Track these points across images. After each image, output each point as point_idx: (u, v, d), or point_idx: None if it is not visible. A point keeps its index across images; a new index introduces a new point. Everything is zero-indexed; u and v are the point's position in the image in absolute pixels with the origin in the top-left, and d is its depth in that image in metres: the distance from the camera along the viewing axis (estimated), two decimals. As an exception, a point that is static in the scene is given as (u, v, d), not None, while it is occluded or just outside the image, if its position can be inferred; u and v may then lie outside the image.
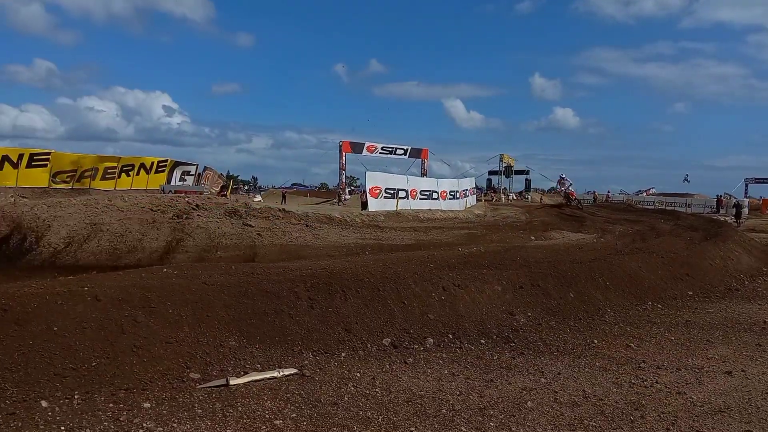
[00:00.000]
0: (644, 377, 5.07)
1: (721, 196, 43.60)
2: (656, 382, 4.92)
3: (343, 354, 5.50)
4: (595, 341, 6.33)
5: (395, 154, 47.78)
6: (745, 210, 33.10)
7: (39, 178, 26.56)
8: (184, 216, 15.41)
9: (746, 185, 62.21)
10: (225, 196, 28.91)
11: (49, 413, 3.78)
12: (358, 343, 5.78)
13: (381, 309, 6.35)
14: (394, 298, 6.56)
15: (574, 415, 4.17)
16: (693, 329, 6.94)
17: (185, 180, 33.28)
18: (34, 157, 26.61)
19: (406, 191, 27.59)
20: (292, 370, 4.92)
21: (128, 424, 3.71)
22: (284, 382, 4.70)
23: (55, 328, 4.63)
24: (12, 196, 20.76)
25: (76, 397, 4.04)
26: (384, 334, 6.01)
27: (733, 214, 29.91)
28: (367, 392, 4.58)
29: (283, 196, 41.20)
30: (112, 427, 3.67)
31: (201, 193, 24.58)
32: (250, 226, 15.47)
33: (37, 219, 13.56)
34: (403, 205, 26.22)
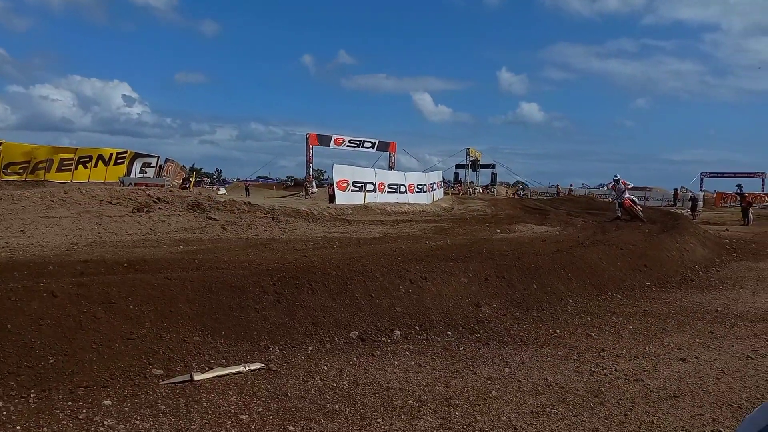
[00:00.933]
0: (604, 365, 5.23)
1: (677, 189, 45.18)
2: (615, 370, 5.09)
3: (310, 348, 5.48)
4: (558, 331, 6.48)
5: (363, 147, 47.69)
6: (701, 203, 34.39)
7: (-11, 169, 25.45)
8: (145, 209, 15.02)
9: (701, 179, 64.69)
10: (187, 188, 28.33)
11: (3, 413, 3.64)
12: (326, 337, 5.76)
13: (348, 302, 6.34)
14: (362, 291, 6.56)
15: (537, 403, 4.27)
16: (650, 318, 7.18)
17: (146, 172, 32.50)
18: (-16, 148, 25.50)
19: (374, 184, 27.62)
20: (259, 365, 4.87)
21: (88, 422, 3.61)
22: (250, 376, 4.66)
23: (9, 326, 4.45)
24: (-39, 189, 19.87)
25: (32, 395, 3.91)
26: (351, 327, 6.01)
27: (689, 207, 31.03)
28: (335, 385, 4.58)
29: (246, 189, 40.64)
30: (71, 425, 3.56)
31: (162, 185, 24.01)
32: (214, 219, 15.20)
33: (-12, 212, 13.00)
34: (370, 198, 26.24)
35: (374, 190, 27.33)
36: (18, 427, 3.49)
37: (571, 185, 62.51)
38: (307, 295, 6.21)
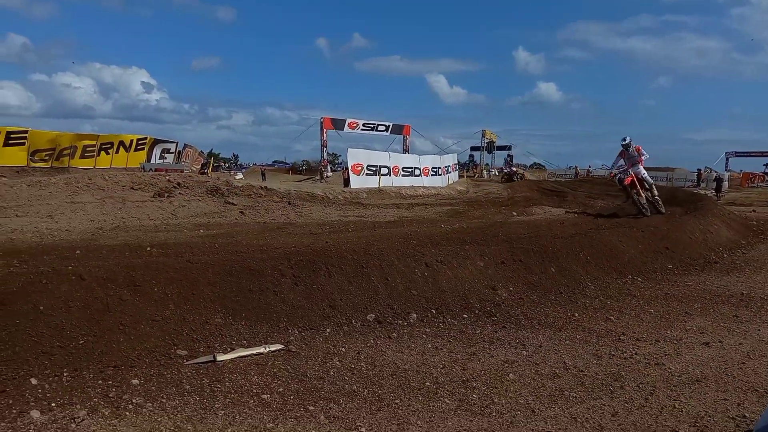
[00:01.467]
0: (624, 349, 5.23)
1: (701, 170, 44.33)
2: (635, 354, 5.09)
3: (328, 330, 5.57)
4: (576, 314, 6.49)
5: (377, 130, 47.50)
6: (726, 183, 33.70)
7: (17, 156, 26.04)
8: (166, 194, 15.25)
9: (727, 159, 63.26)
10: (206, 173, 28.60)
11: (39, 390, 3.81)
12: (343, 319, 5.85)
13: (365, 285, 6.42)
14: (378, 274, 6.63)
15: (555, 387, 4.31)
16: (672, 302, 7.14)
17: (165, 158, 32.87)
18: (11, 136, 26.05)
19: (389, 168, 27.60)
20: (279, 346, 4.99)
21: (117, 400, 3.75)
22: (270, 357, 4.77)
23: (41, 308, 4.61)
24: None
25: (65, 374, 4.06)
26: (368, 310, 6.10)
27: (714, 188, 30.46)
28: (353, 366, 4.67)
29: (263, 174, 40.92)
30: (102, 402, 3.70)
31: (182, 171, 24.30)
32: (233, 204, 15.37)
33: (17, 198, 13.32)
34: (385, 182, 26.24)
35: (389, 174, 27.32)
36: (53, 404, 3.65)
37: (589, 167, 61.73)
38: (324, 278, 6.31)
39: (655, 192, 13.04)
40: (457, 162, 41.77)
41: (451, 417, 3.75)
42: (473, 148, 60.55)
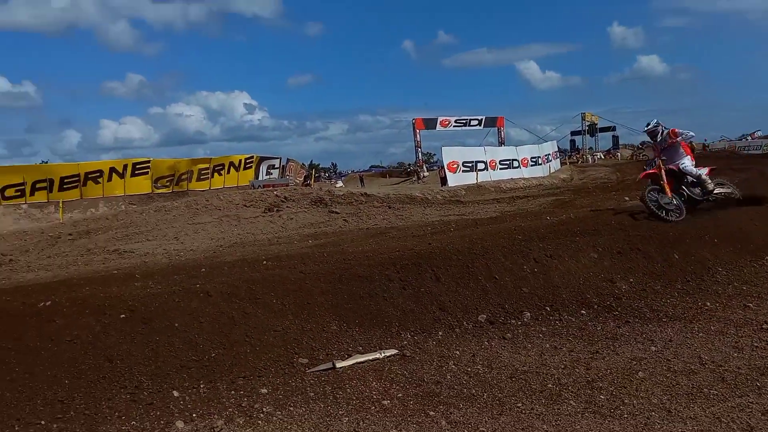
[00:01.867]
0: (768, 340, 4.71)
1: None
2: (782, 344, 4.56)
3: (440, 333, 5.57)
4: (708, 303, 5.95)
5: (470, 125, 46.78)
6: None
7: (142, 185, 28.78)
8: (275, 209, 16.10)
9: None
10: (309, 185, 29.81)
11: (181, 402, 4.16)
12: (454, 321, 5.82)
13: (473, 286, 6.34)
14: (485, 273, 6.52)
15: (692, 384, 3.97)
16: (821, 284, 6.32)
17: (271, 173, 34.73)
18: (137, 166, 28.86)
19: (485, 163, 27.11)
20: (393, 351, 5.06)
21: (250, 409, 4.01)
22: (387, 362, 4.85)
23: (176, 324, 5.05)
24: (123, 204, 22.68)
25: (201, 386, 4.41)
26: (479, 311, 6.01)
27: None
28: (469, 369, 4.62)
29: (361, 180, 41.85)
30: (237, 412, 3.98)
31: (287, 185, 25.53)
32: (336, 212, 15.87)
33: (146, 224, 14.74)
34: (483, 177, 25.78)
35: (485, 168, 26.82)
36: (194, 415, 3.98)
37: (705, 140, 56.28)
38: (431, 280, 6.31)
39: (711, 185, 9.43)
40: (557, 149, 40.09)
41: (579, 420, 3.58)
42: (573, 133, 57.59)
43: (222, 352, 4.85)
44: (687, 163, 9.52)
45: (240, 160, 32.96)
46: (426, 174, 37.68)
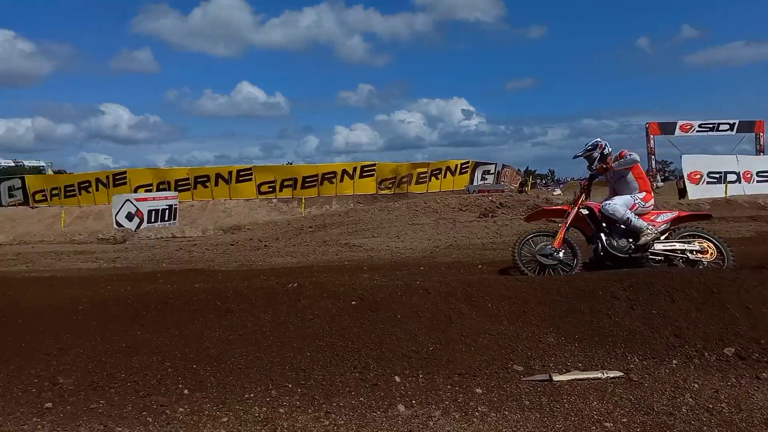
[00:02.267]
0: None
1: None
2: None
3: (674, 361, 4.97)
4: None
5: (718, 130, 40.74)
6: None
7: (368, 186, 31.70)
8: (490, 214, 16.21)
9: None
10: (525, 192, 29.24)
11: (402, 388, 4.48)
12: (692, 351, 5.13)
13: (717, 313, 5.51)
14: (735, 301, 5.61)
15: None
16: None
17: (486, 179, 35.07)
18: (364, 169, 31.88)
19: (737, 174, 23.45)
20: (617, 373, 4.69)
21: (465, 406, 4.12)
22: (609, 384, 4.52)
23: (399, 316, 5.45)
24: (351, 202, 25.31)
25: (420, 376, 4.68)
26: (725, 343, 5.19)
27: None
28: (710, 406, 4.04)
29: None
30: (453, 406, 4.13)
31: (502, 191, 25.46)
32: (553, 221, 15.28)
33: (372, 221, 16.19)
34: (734, 190, 22.29)
35: (738, 180, 23.14)
36: (413, 401, 4.25)
37: None
38: (665, 303, 5.67)
39: (647, 238, 7.08)
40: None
41: None
42: None
43: (439, 347, 5.07)
44: (617, 202, 7.25)
45: (456, 165, 34.05)
46: (661, 184, 33.96)
